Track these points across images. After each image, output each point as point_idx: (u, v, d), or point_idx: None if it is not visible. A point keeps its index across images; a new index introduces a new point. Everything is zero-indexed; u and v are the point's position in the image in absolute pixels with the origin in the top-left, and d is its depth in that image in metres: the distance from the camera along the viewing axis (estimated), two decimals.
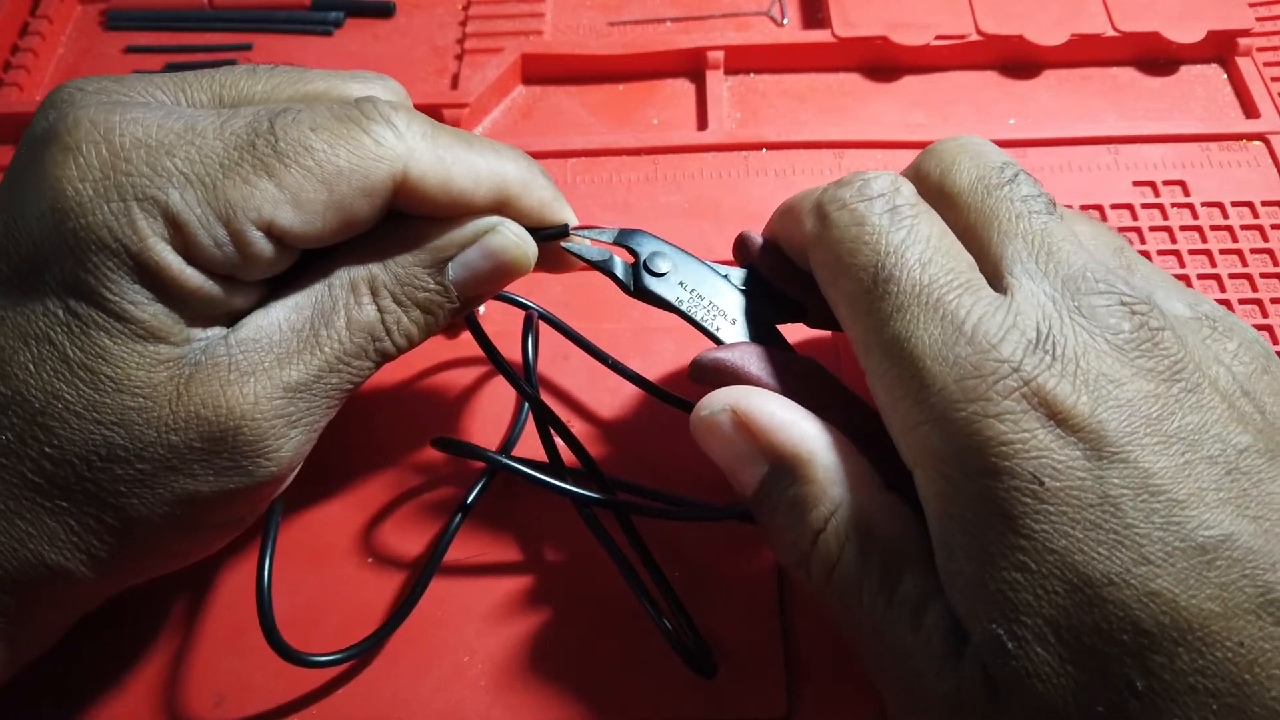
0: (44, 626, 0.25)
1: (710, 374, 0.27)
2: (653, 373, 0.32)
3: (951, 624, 0.22)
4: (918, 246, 0.23)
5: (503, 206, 0.27)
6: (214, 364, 0.24)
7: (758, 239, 0.30)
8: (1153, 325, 0.22)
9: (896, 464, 0.23)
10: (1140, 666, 0.19)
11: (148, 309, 0.23)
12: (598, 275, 0.29)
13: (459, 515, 0.31)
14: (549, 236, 0.28)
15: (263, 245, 0.24)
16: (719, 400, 0.25)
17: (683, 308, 0.28)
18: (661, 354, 0.36)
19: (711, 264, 0.29)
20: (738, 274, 0.29)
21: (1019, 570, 0.20)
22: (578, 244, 0.29)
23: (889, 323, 0.23)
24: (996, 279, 0.23)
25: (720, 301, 0.29)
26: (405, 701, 0.29)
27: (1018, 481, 0.20)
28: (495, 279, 0.27)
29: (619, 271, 0.29)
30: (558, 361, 0.35)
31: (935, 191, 0.26)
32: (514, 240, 0.27)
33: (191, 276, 0.23)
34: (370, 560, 0.32)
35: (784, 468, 0.24)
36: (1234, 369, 0.23)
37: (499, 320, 0.35)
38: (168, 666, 0.30)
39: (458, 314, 0.27)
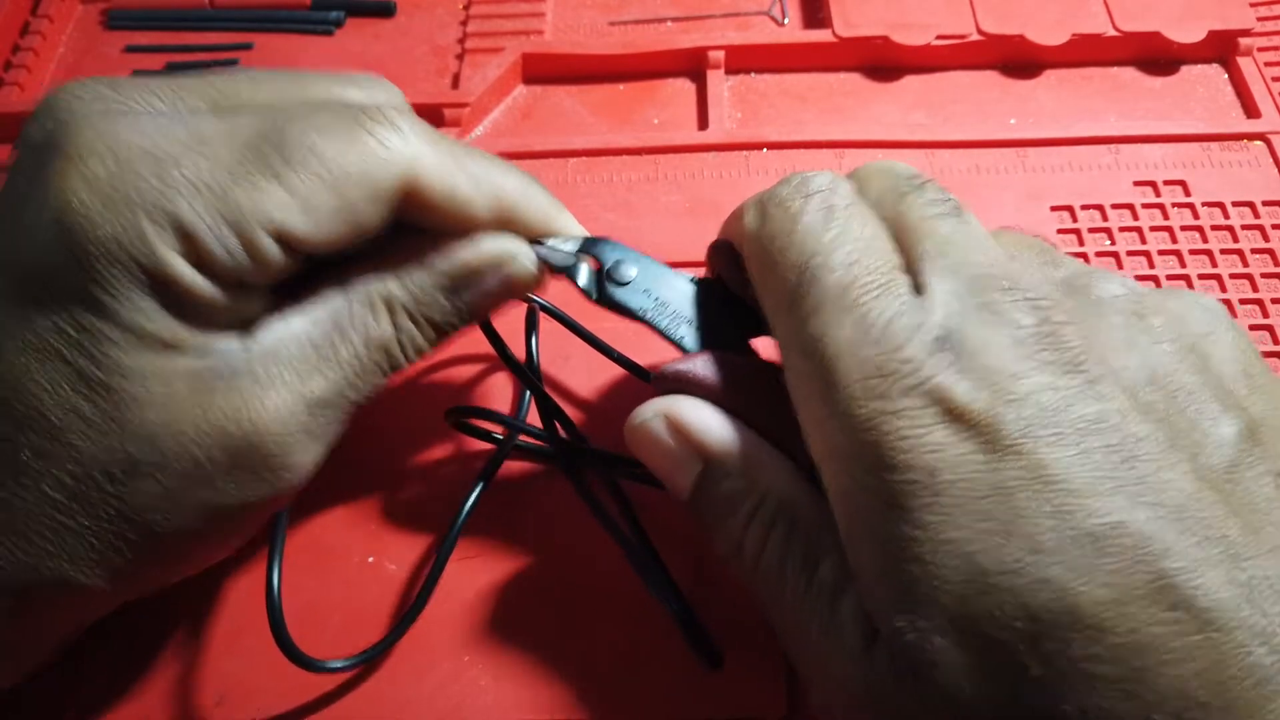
0: (54, 639, 0.25)
1: (672, 385, 0.27)
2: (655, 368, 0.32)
3: (863, 613, 0.22)
4: (846, 247, 0.24)
5: (505, 220, 0.27)
6: (235, 376, 0.23)
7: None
8: (1054, 320, 0.22)
9: None
10: (1035, 653, 0.20)
11: (160, 321, 0.23)
12: None
13: (475, 490, 0.31)
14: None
15: (273, 252, 0.23)
16: (651, 408, 0.26)
17: (646, 316, 0.29)
18: (663, 350, 0.35)
19: (680, 271, 0.29)
20: (706, 282, 0.29)
21: (915, 562, 0.21)
22: (545, 250, 0.29)
23: (808, 321, 0.23)
24: (915, 280, 0.24)
25: (685, 309, 0.29)
26: (406, 702, 0.29)
27: (913, 474, 0.21)
28: (506, 300, 0.28)
29: (582, 280, 0.29)
30: (558, 360, 0.35)
31: None
32: (530, 270, 0.28)
33: (203, 286, 0.23)
34: (370, 560, 0.32)
35: (716, 465, 0.26)
36: (1152, 352, 0.23)
37: (499, 313, 0.35)
38: (168, 668, 0.30)
39: (461, 328, 0.28)
